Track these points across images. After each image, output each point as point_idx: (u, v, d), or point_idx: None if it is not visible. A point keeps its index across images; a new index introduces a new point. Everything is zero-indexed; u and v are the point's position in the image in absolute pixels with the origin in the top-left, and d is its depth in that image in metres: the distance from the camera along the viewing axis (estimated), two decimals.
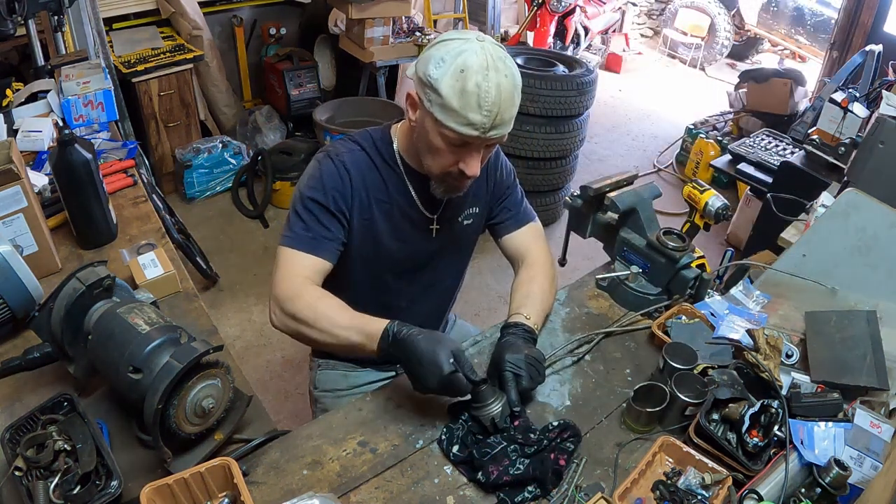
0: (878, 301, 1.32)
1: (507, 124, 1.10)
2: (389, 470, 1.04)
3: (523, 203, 1.45)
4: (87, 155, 1.41)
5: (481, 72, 1.03)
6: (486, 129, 1.07)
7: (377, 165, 1.26)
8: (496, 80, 1.04)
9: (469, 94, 1.03)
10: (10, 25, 2.02)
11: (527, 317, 1.25)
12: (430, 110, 1.08)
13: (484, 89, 1.03)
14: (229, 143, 3.65)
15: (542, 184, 3.38)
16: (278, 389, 2.50)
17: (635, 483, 0.98)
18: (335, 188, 1.22)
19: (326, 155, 1.25)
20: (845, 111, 2.34)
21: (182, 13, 3.56)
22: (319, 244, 1.22)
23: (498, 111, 1.05)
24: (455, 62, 1.04)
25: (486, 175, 1.37)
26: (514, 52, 3.50)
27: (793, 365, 1.25)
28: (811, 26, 5.84)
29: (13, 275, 1.15)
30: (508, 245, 1.44)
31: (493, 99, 1.04)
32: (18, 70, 2.89)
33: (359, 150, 1.26)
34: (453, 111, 1.05)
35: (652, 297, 1.41)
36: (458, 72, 1.03)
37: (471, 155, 1.13)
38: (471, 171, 1.14)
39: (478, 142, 1.10)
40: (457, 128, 1.07)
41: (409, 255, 1.34)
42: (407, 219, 1.30)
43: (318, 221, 1.22)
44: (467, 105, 1.04)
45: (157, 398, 0.89)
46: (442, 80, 1.04)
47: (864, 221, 1.39)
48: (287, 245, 1.22)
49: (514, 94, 1.08)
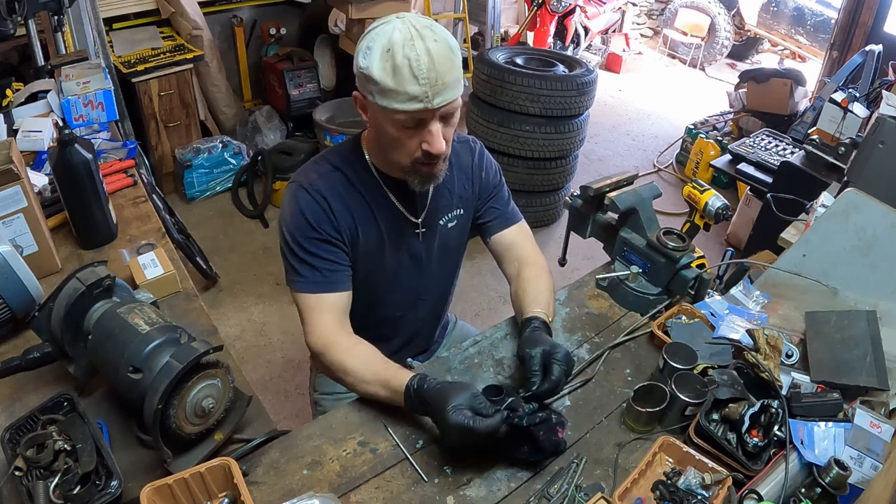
0: (878, 301, 1.32)
1: (452, 88, 1.06)
2: (389, 470, 1.04)
3: (510, 202, 1.42)
4: (87, 155, 1.41)
5: (407, 44, 1.01)
6: (430, 97, 1.03)
7: (353, 181, 1.23)
8: (424, 47, 1.01)
9: (400, 68, 1.00)
10: (10, 25, 2.02)
11: (545, 314, 1.23)
12: (375, 101, 1.06)
13: (413, 59, 1.00)
14: (229, 143, 3.65)
15: (542, 184, 3.38)
16: (278, 389, 2.50)
17: (635, 483, 0.98)
18: (319, 220, 1.19)
19: (300, 186, 1.20)
20: (845, 111, 2.34)
21: (182, 13, 3.56)
22: (333, 278, 1.20)
23: (436, 76, 1.02)
24: (379, 45, 1.02)
25: (471, 177, 1.35)
26: (514, 52, 3.50)
27: (793, 365, 1.25)
28: (811, 26, 5.84)
29: (13, 275, 1.15)
30: (499, 243, 1.40)
31: (426, 65, 1.01)
32: (18, 70, 2.89)
33: (331, 171, 1.23)
34: (392, 91, 1.02)
35: (652, 297, 1.41)
36: (384, 52, 1.01)
37: (429, 132, 1.08)
38: (435, 148, 1.09)
39: (429, 114, 1.06)
40: (401, 106, 1.03)
41: (399, 262, 1.32)
42: (393, 226, 1.28)
43: (320, 257, 1.19)
44: (402, 80, 1.01)
45: (157, 398, 0.89)
46: (372, 66, 1.02)
47: (864, 221, 1.39)
48: (302, 291, 1.20)
49: (450, 56, 1.04)
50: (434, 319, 1.53)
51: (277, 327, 2.79)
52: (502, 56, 3.37)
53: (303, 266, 1.20)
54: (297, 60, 3.91)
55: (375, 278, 1.31)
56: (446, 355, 1.29)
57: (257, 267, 3.14)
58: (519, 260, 1.38)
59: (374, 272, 1.30)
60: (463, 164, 1.34)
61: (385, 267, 1.31)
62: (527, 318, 1.22)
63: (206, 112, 3.86)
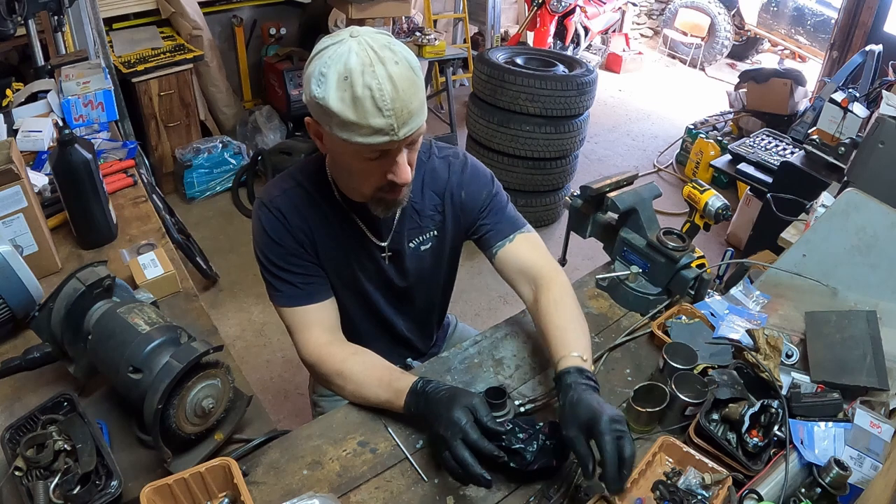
0: (878, 301, 1.32)
1: (417, 115, 0.97)
2: (389, 470, 1.04)
3: (507, 210, 1.29)
4: (87, 155, 1.41)
5: (367, 70, 0.90)
6: (396, 129, 0.94)
7: (316, 200, 1.17)
8: (386, 73, 0.91)
9: (362, 100, 0.91)
10: (10, 25, 2.02)
11: (583, 359, 1.06)
12: (333, 133, 0.97)
13: (376, 88, 0.90)
14: (229, 143, 3.66)
15: (542, 184, 3.38)
16: (278, 389, 2.50)
17: (635, 483, 0.98)
18: (280, 235, 1.16)
19: (262, 203, 1.17)
20: (845, 111, 2.34)
21: (182, 13, 3.56)
22: (310, 290, 1.19)
23: (401, 105, 0.93)
24: (334, 71, 0.91)
25: (446, 197, 1.25)
26: (514, 53, 3.51)
27: (793, 365, 1.25)
28: (811, 26, 5.84)
29: (13, 275, 1.15)
30: (505, 261, 1.27)
31: (389, 95, 0.91)
32: (18, 70, 2.89)
33: (294, 188, 1.17)
34: (354, 125, 0.93)
35: (652, 297, 1.41)
36: (341, 80, 0.91)
37: (395, 163, 1.01)
38: (401, 179, 1.03)
39: (395, 146, 0.98)
40: (364, 140, 0.94)
41: (369, 283, 1.29)
42: (358, 249, 1.23)
43: (292, 272, 1.18)
44: (365, 112, 0.91)
45: (157, 398, 0.89)
46: (329, 96, 0.92)
47: (864, 221, 1.39)
48: (283, 305, 1.20)
49: (413, 79, 0.94)
50: (426, 328, 1.50)
51: (277, 327, 2.79)
52: (502, 56, 3.37)
53: (278, 282, 1.19)
54: (297, 60, 3.90)
55: (351, 292, 1.29)
56: (446, 355, 1.29)
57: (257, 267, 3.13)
58: (532, 280, 1.23)
59: (347, 287, 1.28)
60: (437, 183, 1.25)
61: (358, 284, 1.28)
62: (560, 373, 1.04)
63: (206, 112, 3.86)
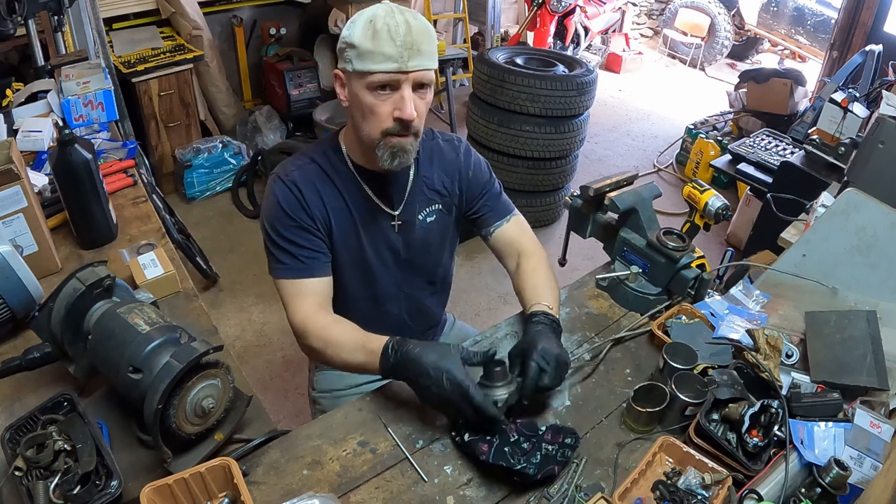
0: (878, 301, 1.32)
1: (427, 57, 1.11)
2: (389, 470, 1.04)
3: (501, 195, 1.44)
4: (87, 155, 1.41)
5: (388, 14, 1.09)
6: (405, 59, 1.08)
7: (330, 175, 1.27)
8: (403, 19, 1.09)
9: (380, 32, 1.08)
10: (10, 25, 2.02)
11: (549, 307, 1.24)
12: (353, 68, 1.11)
13: (392, 26, 1.08)
14: (229, 143, 3.65)
15: (542, 184, 3.38)
16: (278, 389, 2.50)
17: (635, 483, 0.98)
18: (293, 208, 1.23)
19: (277, 177, 1.25)
20: (845, 111, 2.34)
21: (182, 13, 3.56)
22: (311, 265, 1.24)
23: (412, 41, 1.08)
24: (363, 17, 1.11)
25: (454, 175, 1.37)
26: (514, 52, 3.51)
27: (793, 365, 1.25)
28: (811, 26, 5.84)
29: (13, 275, 1.15)
30: (499, 238, 1.41)
31: (403, 31, 1.08)
32: (18, 70, 2.89)
33: (309, 163, 1.27)
34: (369, 52, 1.08)
35: (652, 297, 1.41)
36: (367, 22, 1.10)
37: (401, 97, 1.12)
38: (406, 114, 1.12)
39: (402, 77, 1.11)
40: (376, 67, 1.09)
41: (377, 253, 1.34)
42: (368, 218, 1.30)
43: (297, 245, 1.23)
44: (380, 41, 1.08)
45: (157, 398, 0.89)
46: (354, 33, 1.10)
47: (864, 221, 1.39)
48: (282, 277, 1.24)
49: (427, 31, 1.11)
50: (422, 315, 1.52)
51: (277, 327, 2.79)
52: (502, 56, 3.37)
53: (282, 253, 1.23)
54: (297, 60, 3.91)
55: (355, 268, 1.34)
56: None
57: (257, 267, 3.14)
58: (518, 253, 1.40)
59: (353, 262, 1.32)
60: (446, 161, 1.36)
61: (364, 258, 1.33)
62: (529, 315, 1.23)
63: (206, 112, 3.86)
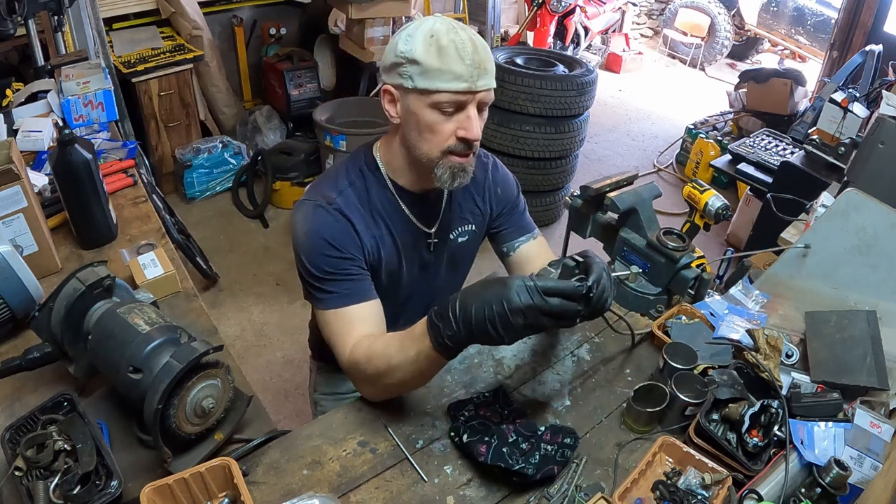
0: (878, 301, 1.32)
1: (491, 75, 1.09)
2: (389, 470, 1.04)
3: (527, 212, 1.42)
4: (87, 155, 1.41)
5: (450, 31, 1.05)
6: (475, 78, 1.05)
7: (370, 195, 1.20)
8: (467, 35, 1.06)
9: (446, 49, 1.03)
10: (10, 25, 2.02)
11: None
12: (414, 85, 1.06)
13: (458, 42, 1.04)
14: (229, 143, 3.66)
15: (542, 184, 3.38)
16: (278, 389, 2.50)
17: (635, 483, 0.98)
18: (342, 241, 1.14)
19: (317, 205, 1.15)
20: (845, 111, 2.35)
21: (182, 13, 3.56)
22: (358, 291, 1.16)
23: (479, 60, 1.05)
24: (421, 32, 1.05)
25: (484, 194, 1.33)
26: (514, 53, 3.51)
27: (793, 365, 1.25)
28: (811, 26, 5.85)
29: (13, 275, 1.15)
30: (521, 255, 1.37)
31: (471, 49, 1.04)
32: (18, 70, 2.90)
33: (348, 187, 1.18)
34: (437, 70, 1.03)
35: (652, 297, 1.40)
36: (428, 37, 1.04)
37: (467, 117, 1.08)
38: (472, 134, 1.09)
39: (469, 98, 1.07)
40: (444, 86, 1.04)
41: (411, 273, 1.30)
42: (407, 239, 1.25)
43: (342, 273, 1.14)
44: (448, 59, 1.03)
45: (157, 398, 0.89)
46: (415, 49, 1.04)
47: (864, 221, 1.39)
48: (328, 308, 1.14)
49: (487, 49, 1.08)
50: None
51: (277, 327, 2.79)
52: (502, 56, 3.37)
53: (327, 284, 1.14)
54: (297, 60, 3.91)
55: (392, 291, 1.29)
56: None
57: (257, 267, 3.14)
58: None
59: (392, 287, 1.28)
60: (476, 181, 1.31)
61: (402, 280, 1.29)
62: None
63: (206, 112, 3.86)
